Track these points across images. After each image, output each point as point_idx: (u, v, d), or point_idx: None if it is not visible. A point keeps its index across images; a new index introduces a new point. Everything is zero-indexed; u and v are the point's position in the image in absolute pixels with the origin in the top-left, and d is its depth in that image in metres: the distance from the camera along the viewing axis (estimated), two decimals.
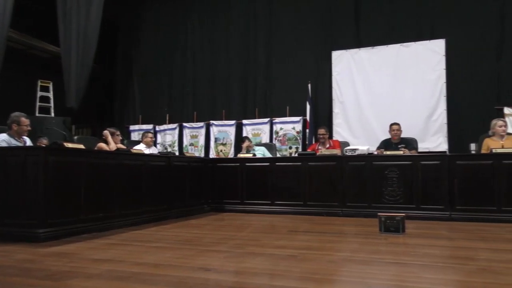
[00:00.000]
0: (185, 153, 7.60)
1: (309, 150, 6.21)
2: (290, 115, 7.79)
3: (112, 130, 5.25)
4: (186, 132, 8.61)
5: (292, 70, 7.88)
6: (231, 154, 8.06)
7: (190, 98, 8.83)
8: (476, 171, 4.75)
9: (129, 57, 9.42)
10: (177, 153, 7.95)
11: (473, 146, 5.33)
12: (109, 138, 5.14)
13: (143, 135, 6.59)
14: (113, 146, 5.07)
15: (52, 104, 8.14)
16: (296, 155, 6.89)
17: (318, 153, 5.67)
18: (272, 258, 2.79)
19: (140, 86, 9.28)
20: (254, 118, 8.07)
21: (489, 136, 5.26)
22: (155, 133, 8.59)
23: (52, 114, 8.08)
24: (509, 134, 5.38)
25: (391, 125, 5.70)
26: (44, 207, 3.42)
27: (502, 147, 4.96)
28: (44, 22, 8.32)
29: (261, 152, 6.30)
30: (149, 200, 4.69)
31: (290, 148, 7.76)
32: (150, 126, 8.78)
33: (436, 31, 6.91)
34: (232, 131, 8.19)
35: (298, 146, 7.70)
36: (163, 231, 4.05)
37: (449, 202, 4.81)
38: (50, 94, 8.17)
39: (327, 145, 6.01)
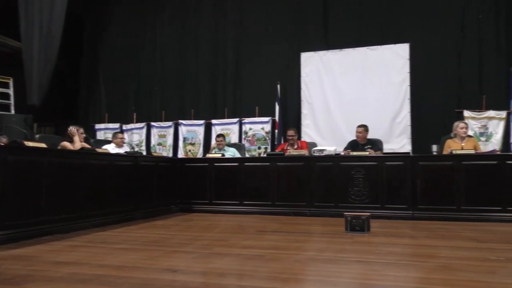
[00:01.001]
0: (153, 153, 7.49)
1: (278, 151, 6.25)
2: (260, 116, 7.81)
3: (76, 128, 5.08)
4: (154, 131, 8.48)
5: (261, 70, 7.91)
6: (199, 154, 8.01)
7: (158, 97, 8.69)
8: (437, 171, 4.92)
9: (95, 53, 9.17)
10: (144, 153, 7.81)
11: (434, 148, 5.52)
12: (76, 137, 4.97)
13: (113, 135, 6.43)
14: (78, 145, 4.92)
15: (12, 101, 7.82)
16: (265, 155, 6.92)
17: (286, 154, 5.71)
18: (240, 258, 2.79)
19: (106, 84, 9.06)
20: (223, 118, 8.04)
21: (450, 138, 5.47)
22: (122, 132, 8.40)
23: (13, 112, 7.76)
24: (469, 136, 5.61)
25: (357, 127, 5.83)
26: (2, 208, 3.27)
27: (462, 149, 5.17)
28: (4, 15, 7.98)
29: (231, 153, 6.29)
30: (115, 201, 4.59)
31: (259, 148, 7.78)
32: (116, 125, 8.59)
33: (401, 36, 7.11)
34: (201, 131, 8.13)
35: (267, 146, 7.73)
36: (129, 232, 3.97)
37: (412, 202, 4.95)
38: (10, 91, 7.85)
39: (296, 146, 6.07)
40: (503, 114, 6.58)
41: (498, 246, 3.23)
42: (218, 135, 6.60)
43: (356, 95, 7.14)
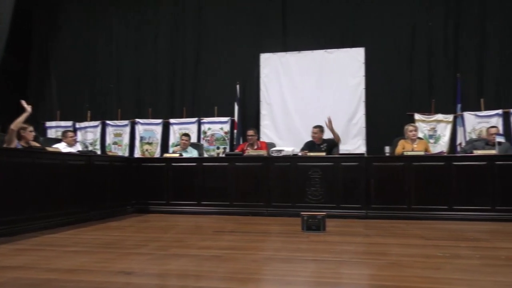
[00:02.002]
0: (108, 152, 7.27)
1: (237, 151, 6.26)
2: (219, 116, 7.78)
3: (24, 126, 4.80)
4: (109, 130, 8.23)
5: (221, 70, 7.88)
6: (157, 154, 7.86)
7: (114, 95, 8.45)
8: (389, 172, 5.11)
9: (46, 48, 8.77)
10: (99, 152, 7.57)
11: (387, 149, 5.72)
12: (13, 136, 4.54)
13: (63, 134, 6.15)
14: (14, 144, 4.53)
15: None
16: (224, 155, 6.90)
17: (245, 154, 5.73)
18: (196, 259, 2.77)
19: (58, 80, 8.68)
20: (182, 117, 7.94)
21: (404, 139, 5.70)
22: (75, 130, 8.10)
23: None
24: (420, 138, 5.86)
25: (313, 128, 5.95)
26: None
27: (413, 150, 5.40)
28: None
29: (192, 154, 6.22)
30: (66, 202, 4.41)
31: (218, 148, 7.75)
32: (69, 123, 8.26)
33: (357, 40, 7.32)
34: (158, 130, 7.99)
35: (226, 146, 7.72)
36: (81, 235, 3.83)
37: (366, 201, 5.11)
38: None
39: (256, 147, 6.10)
40: (450, 117, 6.93)
41: (444, 243, 3.40)
42: (184, 134, 6.54)
43: (314, 96, 7.28)
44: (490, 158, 4.90)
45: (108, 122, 8.25)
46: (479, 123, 6.69)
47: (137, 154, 7.97)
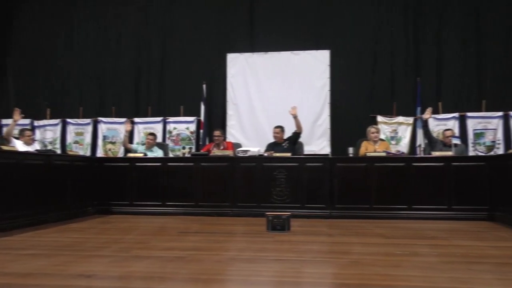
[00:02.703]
0: (68, 152, 7.04)
1: (203, 151, 6.21)
2: (184, 115, 7.69)
3: None
4: (70, 128, 7.97)
5: (187, 69, 7.79)
6: (120, 154, 7.68)
7: (75, 92, 8.18)
8: (352, 172, 5.22)
9: (3, 43, 8.37)
10: (58, 151, 7.31)
11: (351, 150, 5.84)
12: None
13: (20, 132, 5.89)
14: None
15: None
16: (189, 155, 6.84)
17: (211, 154, 5.70)
18: (160, 260, 2.73)
19: (15, 75, 8.30)
20: (147, 116, 7.80)
21: (367, 140, 5.84)
22: (33, 129, 7.78)
23: None
24: (381, 140, 6.02)
25: (274, 128, 5.99)
26: None
27: (375, 151, 5.54)
28: None
29: (157, 154, 6.11)
30: (23, 203, 4.23)
31: (184, 148, 7.67)
32: (27, 121, 7.92)
33: (322, 42, 7.43)
34: (122, 129, 7.80)
35: (192, 146, 7.64)
36: (39, 237, 3.69)
37: (329, 201, 5.20)
38: None
39: (222, 147, 6.08)
40: (411, 120, 7.16)
41: (404, 241, 3.51)
42: (150, 134, 6.41)
43: (280, 97, 7.32)
44: (447, 159, 5.10)
45: (69, 120, 7.98)
46: (437, 125, 6.95)
47: (100, 153, 7.76)
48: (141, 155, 5.81)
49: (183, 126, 7.67)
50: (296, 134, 5.93)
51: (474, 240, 3.54)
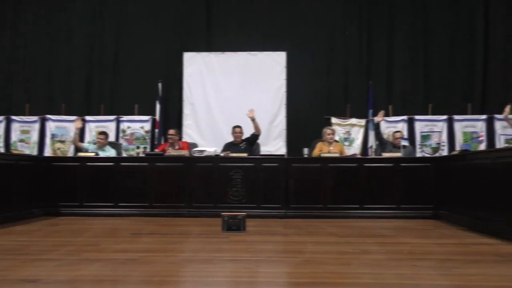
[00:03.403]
0: (13, 150, 6.67)
1: (157, 151, 6.10)
2: (139, 114, 7.52)
3: None
4: (15, 126, 7.55)
5: (142, 67, 7.61)
6: (70, 153, 7.37)
7: (21, 88, 7.76)
8: (307, 173, 5.32)
9: None
10: (2, 150, 6.91)
11: (306, 151, 5.95)
12: None
13: None
14: None
15: None
16: (144, 155, 6.69)
17: (166, 154, 5.61)
18: (111, 263, 2.65)
19: None
20: (99, 114, 7.54)
21: (323, 141, 5.97)
22: None
23: None
24: (336, 141, 6.17)
25: (234, 127, 6.00)
26: None
27: (329, 152, 5.68)
28: None
29: (110, 154, 5.92)
30: None
31: (138, 148, 7.50)
32: None
33: (279, 44, 7.51)
34: (72, 127, 7.48)
35: (146, 146, 7.48)
36: None
37: (285, 201, 5.26)
38: None
39: (177, 147, 5.99)
40: (363, 122, 7.41)
41: (355, 240, 3.62)
42: (101, 132, 6.17)
43: (237, 97, 7.34)
44: (396, 160, 5.32)
45: (13, 117, 7.56)
46: (388, 127, 7.24)
47: (48, 152, 7.42)
48: (92, 154, 5.61)
49: (138, 125, 7.50)
50: (255, 136, 5.96)
51: (420, 238, 3.71)
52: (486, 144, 7.00)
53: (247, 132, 6.04)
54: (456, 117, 7.23)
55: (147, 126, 7.49)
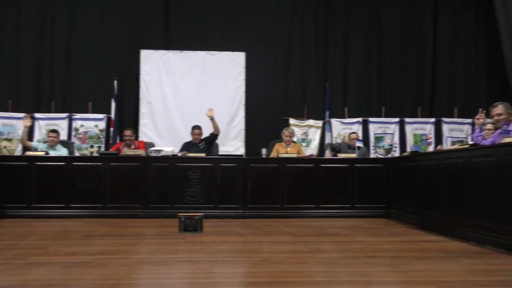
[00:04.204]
0: None
1: (112, 150, 5.92)
2: (93, 112, 7.26)
3: None
4: None
5: (96, 63, 7.35)
6: (18, 152, 7.00)
7: None
8: (265, 173, 5.37)
9: None
10: None
11: (264, 151, 5.99)
12: None
13: None
14: None
15: None
16: (98, 154, 6.48)
17: (121, 154, 5.46)
18: (61, 266, 2.55)
19: None
20: (50, 112, 7.22)
21: (280, 142, 6.04)
22: None
23: None
24: (293, 142, 6.26)
25: (193, 128, 5.95)
26: None
27: (286, 153, 5.76)
28: None
29: (59, 152, 5.67)
30: None
31: (92, 147, 7.24)
32: None
33: (239, 44, 7.52)
34: (20, 125, 7.11)
35: (100, 145, 7.24)
36: None
37: (243, 201, 5.28)
38: None
39: (133, 147, 5.85)
40: (320, 123, 7.56)
41: (310, 239, 3.70)
42: (52, 130, 5.90)
43: (196, 97, 7.26)
44: (351, 161, 5.48)
45: None
46: (343, 129, 7.43)
47: None
48: (42, 153, 5.36)
49: (92, 123, 7.25)
50: (214, 136, 5.93)
51: (372, 236, 3.84)
52: (434, 146, 7.35)
53: (207, 131, 6.01)
54: (407, 119, 7.55)
55: (102, 125, 7.26)
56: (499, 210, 3.12)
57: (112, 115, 7.14)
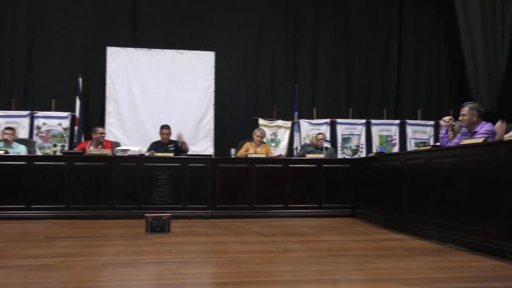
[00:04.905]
0: None
1: (77, 149, 5.75)
2: (56, 110, 7.03)
3: None
4: None
5: (60, 60, 7.10)
6: None
7: None
8: (234, 173, 5.36)
9: None
10: None
11: (233, 151, 5.99)
12: None
13: None
14: None
15: None
16: (61, 154, 6.28)
17: (86, 153, 5.32)
18: (21, 270, 2.45)
19: None
20: (10, 109, 6.92)
21: (251, 141, 6.05)
22: None
23: None
24: (263, 143, 6.29)
25: (162, 128, 5.87)
26: None
27: (255, 153, 5.77)
28: None
29: (19, 151, 5.45)
30: None
31: (55, 146, 6.98)
32: None
33: (208, 44, 7.48)
34: None
35: (64, 144, 7.01)
36: None
37: (211, 201, 5.25)
38: None
39: (99, 146, 5.71)
40: (289, 124, 7.64)
41: (278, 239, 3.72)
42: (7, 128, 5.65)
43: (164, 96, 7.18)
44: (319, 161, 5.56)
45: None
46: (312, 129, 7.53)
47: None
48: (1, 152, 5.14)
49: (55, 121, 7.01)
50: (182, 151, 5.85)
51: (338, 235, 3.92)
52: (399, 147, 7.57)
53: (176, 131, 5.93)
54: (373, 121, 7.74)
55: (66, 123, 7.04)
56: (459, 210, 3.25)
57: (77, 113, 6.95)
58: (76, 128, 6.95)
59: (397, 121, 7.77)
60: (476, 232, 3.04)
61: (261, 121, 7.53)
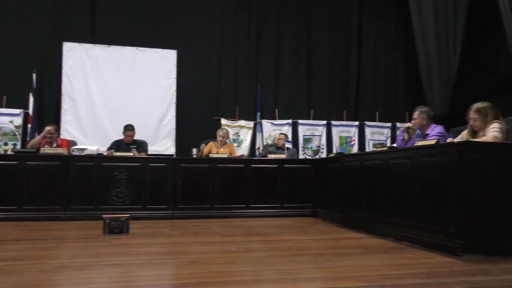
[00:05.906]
0: None
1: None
2: (8, 107, 6.69)
3: None
4: None
5: (12, 54, 6.77)
6: None
7: None
8: (196, 173, 5.32)
9: None
10: None
11: (194, 151, 5.94)
12: None
13: None
14: None
15: None
16: (13, 152, 5.99)
17: (41, 151, 5.10)
18: None
19: None
20: None
21: (215, 141, 6.02)
22: None
23: None
24: (227, 142, 6.27)
25: (126, 128, 5.70)
26: None
27: (218, 153, 5.75)
28: None
29: None
30: None
31: (6, 144, 6.69)
32: None
33: (170, 42, 7.38)
34: None
35: (16, 142, 6.71)
36: None
37: (172, 202, 5.19)
38: None
39: (54, 145, 5.49)
40: (251, 124, 7.66)
41: (239, 239, 3.72)
42: None
43: (124, 94, 7.01)
44: (281, 162, 5.61)
45: None
46: (274, 130, 7.59)
47: None
48: None
49: (6, 119, 6.69)
50: (144, 150, 5.73)
51: (299, 235, 3.97)
52: (358, 148, 7.78)
53: (138, 133, 5.81)
54: (333, 122, 7.91)
55: (18, 121, 6.72)
56: (413, 209, 3.38)
57: (30, 110, 6.66)
58: (29, 126, 6.65)
59: (356, 123, 7.98)
60: (429, 230, 3.18)
61: (223, 121, 7.52)
